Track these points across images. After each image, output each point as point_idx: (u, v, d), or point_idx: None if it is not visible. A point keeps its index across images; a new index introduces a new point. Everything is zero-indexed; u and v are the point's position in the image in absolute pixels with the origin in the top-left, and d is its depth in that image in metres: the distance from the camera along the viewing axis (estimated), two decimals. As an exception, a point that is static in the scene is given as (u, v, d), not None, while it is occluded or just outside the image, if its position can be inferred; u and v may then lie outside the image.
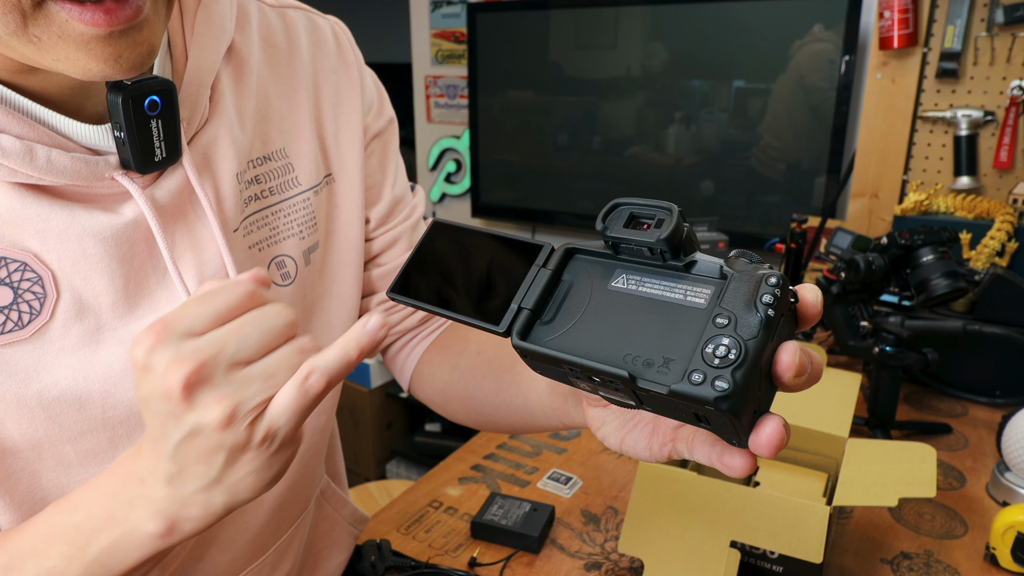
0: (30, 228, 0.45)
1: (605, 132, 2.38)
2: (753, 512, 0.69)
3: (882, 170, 1.73)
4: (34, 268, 0.45)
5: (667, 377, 0.34)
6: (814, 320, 0.36)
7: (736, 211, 2.18)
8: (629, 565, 0.79)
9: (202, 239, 0.52)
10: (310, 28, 0.63)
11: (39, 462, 0.49)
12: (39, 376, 0.46)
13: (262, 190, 0.57)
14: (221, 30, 0.53)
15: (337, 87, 0.63)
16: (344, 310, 0.66)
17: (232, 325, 0.36)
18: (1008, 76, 1.54)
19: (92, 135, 0.47)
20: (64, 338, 0.47)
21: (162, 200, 0.49)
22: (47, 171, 0.44)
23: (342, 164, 0.64)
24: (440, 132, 2.86)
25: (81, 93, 0.46)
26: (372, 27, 4.28)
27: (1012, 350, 1.11)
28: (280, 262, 0.59)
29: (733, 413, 0.32)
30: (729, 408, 0.31)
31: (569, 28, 2.34)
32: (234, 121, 0.54)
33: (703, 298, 0.35)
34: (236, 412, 0.35)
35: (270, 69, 0.59)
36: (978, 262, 1.34)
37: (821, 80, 1.97)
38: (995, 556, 0.78)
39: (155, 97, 0.45)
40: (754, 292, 0.33)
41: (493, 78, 2.52)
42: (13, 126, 0.43)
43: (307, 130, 0.60)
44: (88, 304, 0.48)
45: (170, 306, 0.51)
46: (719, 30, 2.09)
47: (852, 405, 0.85)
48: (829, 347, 1.29)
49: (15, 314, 0.45)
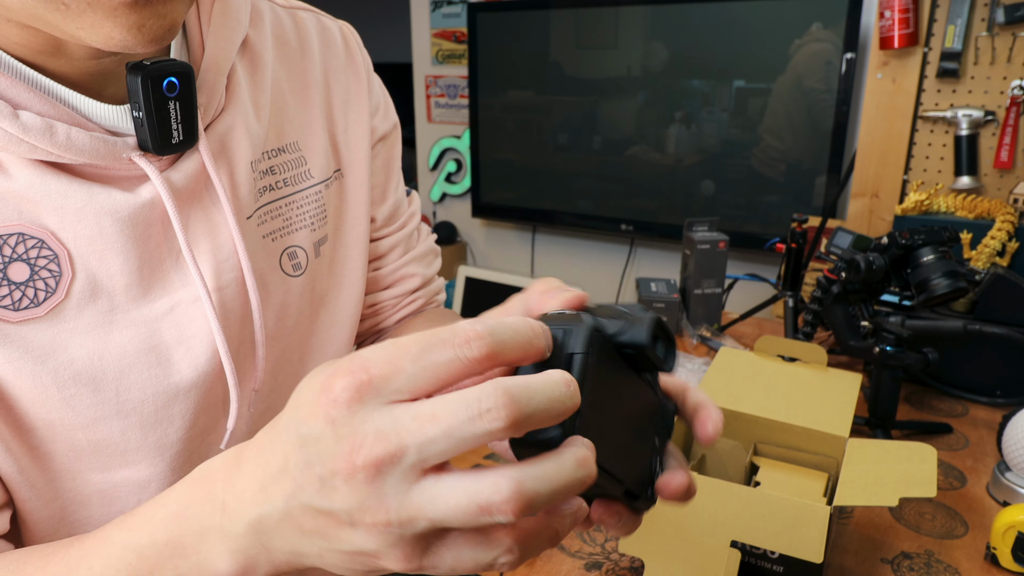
0: (48, 205, 0.45)
1: (605, 132, 2.38)
2: (753, 512, 0.69)
3: (882, 170, 1.73)
4: (51, 246, 0.46)
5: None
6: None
7: (736, 211, 2.18)
8: (629, 565, 0.79)
9: (217, 224, 0.53)
10: (320, 29, 0.64)
11: (52, 443, 0.49)
12: (55, 355, 0.47)
13: (276, 181, 0.58)
14: (237, 22, 0.54)
15: (346, 87, 0.65)
16: (350, 304, 0.67)
17: (458, 407, 0.27)
18: (1009, 76, 1.54)
19: (111, 115, 0.47)
20: (78, 318, 0.47)
21: (178, 183, 0.50)
22: (66, 148, 0.44)
23: (351, 160, 0.65)
24: (440, 132, 2.86)
25: (101, 78, 0.47)
26: (372, 27, 4.29)
27: (1013, 350, 1.11)
28: (292, 252, 0.60)
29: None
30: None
31: (569, 28, 2.34)
32: (250, 111, 0.55)
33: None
34: (404, 525, 0.28)
35: (283, 65, 0.60)
36: (979, 262, 1.33)
37: (821, 80, 1.97)
38: (996, 556, 0.78)
39: (173, 79, 0.46)
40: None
41: (493, 78, 2.52)
42: (35, 104, 0.43)
43: (319, 125, 0.62)
44: (102, 285, 0.48)
45: (183, 290, 0.51)
46: (719, 30, 2.09)
47: (852, 405, 0.85)
48: (829, 347, 1.29)
49: (31, 291, 0.46)
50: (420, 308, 0.76)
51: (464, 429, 0.26)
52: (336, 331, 0.66)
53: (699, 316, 1.45)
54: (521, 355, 0.29)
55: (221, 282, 0.53)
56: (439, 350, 0.28)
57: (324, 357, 0.65)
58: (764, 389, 0.88)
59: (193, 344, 0.52)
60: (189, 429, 0.53)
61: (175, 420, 0.52)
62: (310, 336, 0.64)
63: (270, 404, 0.61)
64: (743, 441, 0.85)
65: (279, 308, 0.59)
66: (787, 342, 0.96)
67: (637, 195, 2.36)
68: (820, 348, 0.94)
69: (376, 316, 0.74)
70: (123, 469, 0.52)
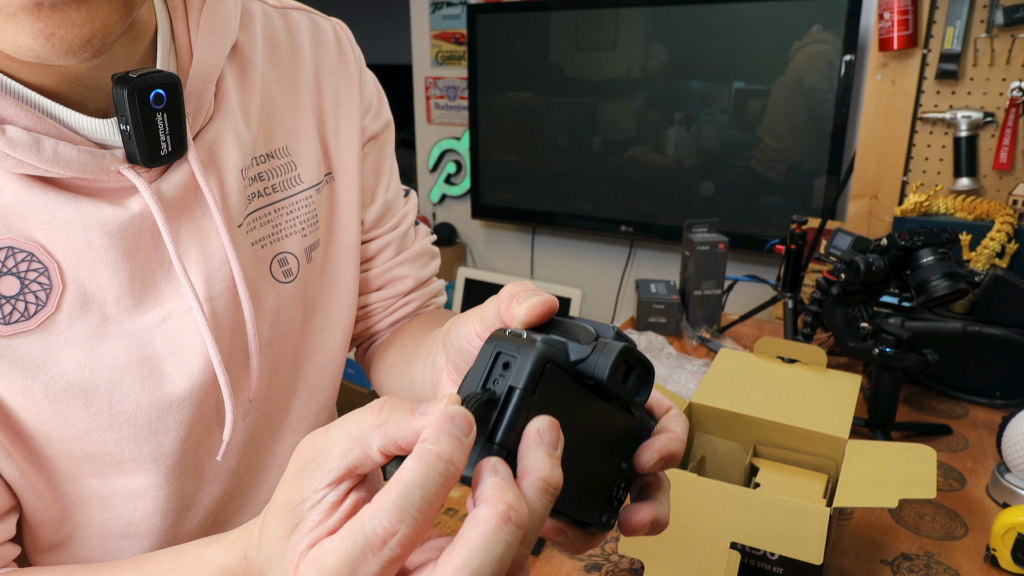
0: (36, 219, 0.45)
1: (605, 133, 2.38)
2: (753, 513, 0.69)
3: (882, 171, 1.73)
4: (40, 259, 0.45)
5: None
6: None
7: (736, 212, 2.18)
8: (629, 566, 0.79)
9: (207, 234, 0.52)
10: (312, 29, 0.63)
11: (50, 450, 0.49)
12: (46, 368, 0.46)
13: (265, 187, 0.57)
14: (226, 28, 0.53)
15: (338, 88, 0.64)
16: (344, 308, 0.66)
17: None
18: (1008, 77, 1.54)
19: (98, 128, 0.47)
20: (70, 330, 0.47)
21: (167, 194, 0.49)
22: (54, 163, 0.44)
23: (342, 163, 0.64)
24: (440, 133, 2.86)
25: (82, 87, 0.46)
26: (372, 28, 4.29)
27: (1012, 351, 1.11)
28: (282, 259, 0.59)
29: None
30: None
31: (569, 29, 2.34)
32: (239, 118, 0.54)
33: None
34: None
35: (273, 68, 0.59)
36: (978, 263, 1.34)
37: (821, 81, 1.97)
38: (995, 557, 0.78)
39: (160, 91, 0.46)
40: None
41: (493, 79, 2.52)
42: (20, 118, 0.43)
43: (309, 129, 0.61)
44: (93, 297, 0.48)
45: (175, 301, 0.51)
46: (719, 31, 2.09)
47: (852, 406, 0.85)
48: (829, 348, 1.29)
49: (22, 304, 0.45)
50: (416, 310, 0.74)
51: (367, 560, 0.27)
52: (329, 336, 0.65)
53: (699, 317, 1.45)
54: (441, 501, 0.28)
55: (212, 292, 0.52)
56: (368, 563, 0.27)
57: (318, 364, 0.65)
58: (764, 390, 0.88)
59: (186, 355, 0.51)
60: (184, 440, 0.53)
61: (170, 432, 0.52)
62: (303, 342, 0.63)
63: (264, 412, 0.61)
64: (743, 442, 0.85)
65: (271, 316, 0.59)
66: (787, 343, 0.96)
67: (637, 196, 2.36)
68: (820, 349, 0.94)
69: (368, 319, 0.73)
70: (119, 478, 0.52)
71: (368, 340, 0.76)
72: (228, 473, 0.59)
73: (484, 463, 0.29)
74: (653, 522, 0.38)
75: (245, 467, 0.61)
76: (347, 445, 0.30)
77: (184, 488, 0.55)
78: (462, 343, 0.42)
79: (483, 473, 0.29)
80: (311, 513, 0.30)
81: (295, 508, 0.30)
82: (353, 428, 0.30)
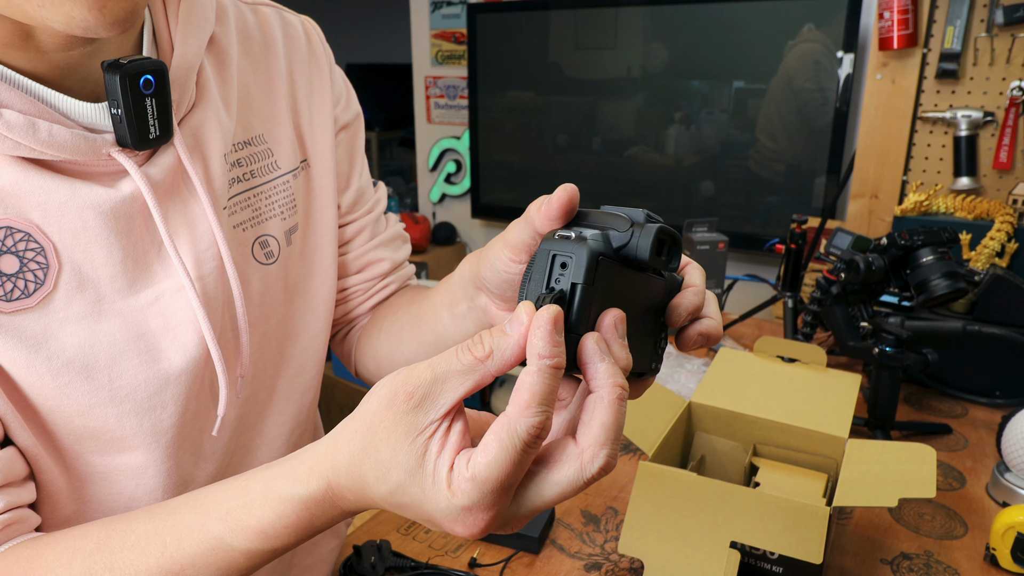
0: (32, 200, 0.47)
1: (605, 133, 2.38)
2: (753, 512, 0.69)
3: (882, 171, 1.73)
4: (37, 239, 0.47)
5: None
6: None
7: (736, 212, 2.19)
8: (629, 566, 0.79)
9: (195, 215, 0.54)
10: (282, 24, 0.66)
11: (54, 426, 0.51)
12: (47, 343, 0.48)
13: (244, 172, 0.60)
14: (204, 20, 0.56)
15: (310, 79, 0.67)
16: (324, 290, 0.69)
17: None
18: (1008, 77, 1.54)
19: (89, 113, 0.49)
20: (68, 308, 0.49)
21: (156, 177, 0.51)
22: (49, 145, 0.45)
23: (316, 151, 0.67)
24: (440, 133, 2.86)
25: (72, 73, 0.48)
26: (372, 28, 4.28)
27: (1012, 350, 1.11)
28: (264, 241, 0.61)
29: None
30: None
31: (569, 29, 2.34)
32: (219, 106, 0.57)
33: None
34: (501, 526, 0.37)
35: (248, 60, 0.62)
36: (978, 263, 1.34)
37: (811, 80, 1.97)
38: (995, 557, 0.78)
39: (149, 76, 0.48)
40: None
41: (493, 79, 2.52)
42: (16, 102, 0.45)
43: (284, 117, 0.64)
44: (88, 277, 0.49)
45: (167, 280, 0.53)
46: (719, 31, 2.09)
47: (852, 406, 0.85)
48: (829, 347, 1.29)
49: (22, 282, 0.47)
50: (393, 293, 0.77)
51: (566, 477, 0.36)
52: (311, 319, 0.68)
53: (699, 317, 1.45)
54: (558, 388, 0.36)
55: (202, 271, 0.54)
56: (528, 457, 0.34)
57: (301, 344, 0.67)
58: (764, 390, 0.88)
59: (180, 332, 0.53)
60: (182, 415, 0.55)
61: (168, 406, 0.54)
62: (286, 323, 0.65)
63: (252, 390, 0.63)
64: (743, 442, 0.85)
65: (256, 296, 0.61)
66: (786, 343, 0.96)
67: (636, 196, 2.36)
68: (819, 349, 0.94)
69: (348, 302, 0.75)
70: (121, 455, 0.54)
71: (347, 326, 0.78)
72: (221, 450, 0.61)
73: (589, 352, 0.36)
74: (701, 334, 0.44)
75: (235, 445, 0.63)
76: (457, 380, 0.35)
77: (183, 464, 0.57)
78: (500, 274, 0.48)
79: (590, 360, 0.36)
80: (432, 443, 0.35)
81: (415, 439, 0.35)
82: (456, 364, 0.35)
